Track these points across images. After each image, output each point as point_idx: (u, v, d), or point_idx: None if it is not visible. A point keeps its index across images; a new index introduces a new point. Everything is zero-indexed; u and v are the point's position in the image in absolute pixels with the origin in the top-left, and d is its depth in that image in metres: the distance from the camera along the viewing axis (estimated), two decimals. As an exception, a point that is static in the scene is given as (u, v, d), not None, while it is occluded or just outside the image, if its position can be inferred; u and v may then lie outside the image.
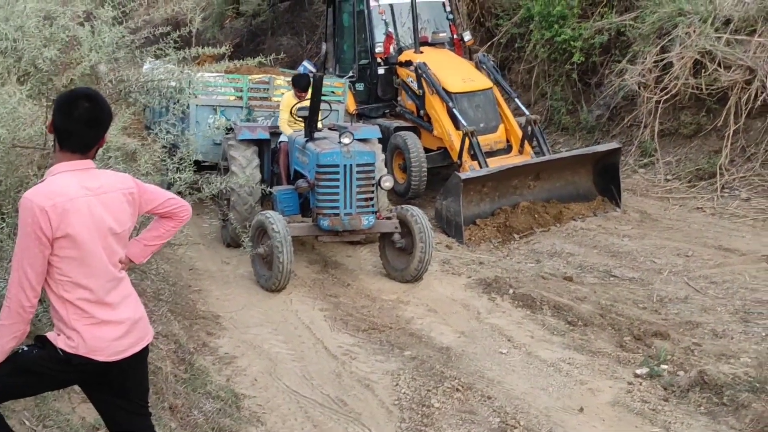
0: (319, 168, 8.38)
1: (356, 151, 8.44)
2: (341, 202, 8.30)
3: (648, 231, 10.15)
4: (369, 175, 8.51)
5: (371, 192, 8.51)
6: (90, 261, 3.47)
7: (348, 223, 8.26)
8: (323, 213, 8.34)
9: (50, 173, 3.48)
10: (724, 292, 8.11)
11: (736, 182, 11.32)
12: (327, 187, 8.36)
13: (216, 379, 6.21)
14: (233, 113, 10.73)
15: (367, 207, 8.44)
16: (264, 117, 10.74)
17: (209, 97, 10.75)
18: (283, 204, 9.04)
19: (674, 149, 12.47)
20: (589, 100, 14.26)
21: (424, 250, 8.35)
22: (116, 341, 3.55)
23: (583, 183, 11.21)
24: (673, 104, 12.40)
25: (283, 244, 7.91)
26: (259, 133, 9.68)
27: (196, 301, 8.00)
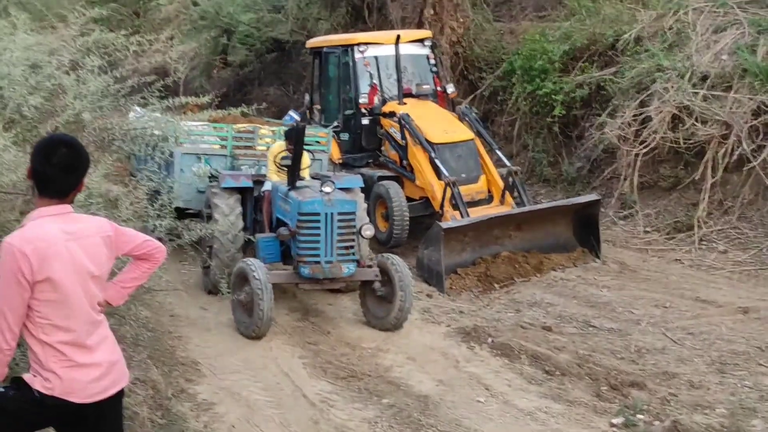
0: (301, 216, 8.43)
1: (337, 199, 8.49)
2: (322, 250, 8.32)
3: (627, 282, 10.25)
4: (350, 223, 8.54)
5: (352, 240, 8.55)
6: (70, 304, 3.53)
7: (328, 271, 8.28)
8: (304, 261, 8.35)
9: (30, 218, 3.56)
10: (701, 343, 8.18)
11: (713, 234, 11.47)
12: (308, 235, 8.38)
13: (193, 425, 6.22)
14: (218, 161, 10.86)
15: (347, 255, 8.47)
16: (248, 165, 10.81)
17: (194, 145, 10.87)
18: (264, 251, 9.07)
19: (653, 201, 12.64)
20: (570, 153, 14.47)
21: (404, 299, 8.38)
22: (92, 383, 3.60)
23: (563, 234, 11.32)
24: (652, 157, 12.61)
25: (263, 291, 7.92)
26: (242, 181, 9.80)
27: (175, 347, 8.01)
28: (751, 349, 7.92)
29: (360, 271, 8.60)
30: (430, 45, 13.37)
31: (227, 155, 11.00)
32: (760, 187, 11.48)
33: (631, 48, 13.67)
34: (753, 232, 11.26)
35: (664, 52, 12.99)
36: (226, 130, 11.13)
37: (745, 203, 11.58)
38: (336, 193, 8.56)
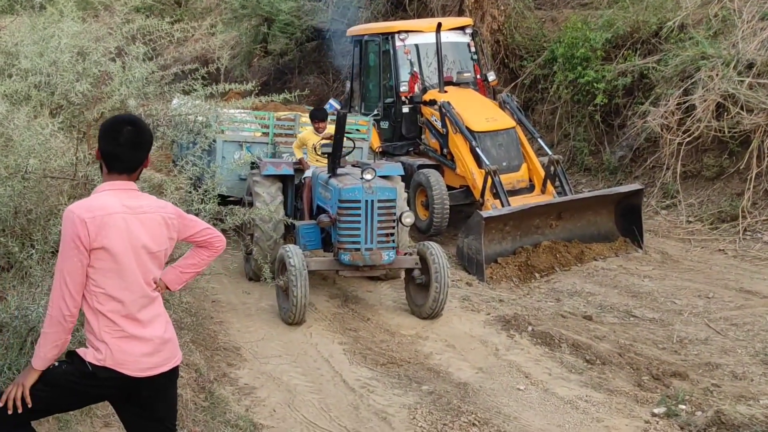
0: (341, 203, 8.45)
1: (378, 187, 8.47)
2: (362, 237, 8.36)
3: (669, 272, 10.16)
4: (390, 210, 8.53)
5: (392, 228, 8.55)
6: (124, 275, 3.65)
7: (368, 258, 8.32)
8: (344, 248, 8.41)
9: (96, 191, 3.69)
10: (744, 334, 8.09)
11: (758, 225, 11.32)
12: (348, 222, 8.42)
13: (235, 408, 6.29)
14: (259, 149, 10.94)
15: (387, 242, 8.48)
16: (289, 153, 10.84)
17: (236, 133, 10.99)
18: (305, 238, 9.14)
19: (696, 191, 12.50)
20: (612, 142, 14.35)
21: (439, 289, 8.39)
22: (144, 357, 3.69)
23: (605, 223, 11.24)
24: (695, 146, 12.47)
25: (297, 277, 8.04)
26: (283, 168, 9.85)
27: (217, 332, 8.11)
28: (796, 341, 7.82)
29: (400, 258, 8.64)
30: (470, 33, 13.34)
31: (268, 143, 11.09)
32: (807, 177, 11.30)
33: (675, 35, 13.52)
34: (800, 222, 11.09)
35: (708, 40, 12.82)
36: (267, 117, 11.20)
37: (792, 193, 11.41)
38: (376, 180, 8.53)
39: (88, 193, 5.65)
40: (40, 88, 5.96)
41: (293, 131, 11.29)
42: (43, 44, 6.12)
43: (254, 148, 10.90)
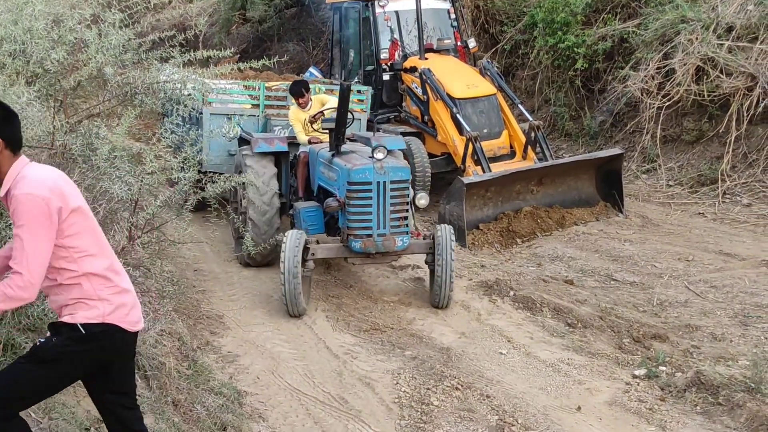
0: (351, 185, 7.73)
1: (390, 166, 7.77)
2: (374, 222, 7.70)
3: (649, 236, 10.21)
4: (403, 192, 7.85)
5: (405, 211, 7.89)
6: (96, 230, 3.73)
7: (381, 245, 7.68)
8: (355, 234, 7.72)
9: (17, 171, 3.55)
10: (723, 296, 8.16)
11: (737, 188, 11.39)
12: (359, 206, 7.73)
13: (219, 376, 6.30)
14: (249, 122, 10.30)
15: (401, 227, 7.83)
16: (281, 127, 10.20)
17: (223, 105, 10.32)
18: (307, 222, 8.48)
19: (676, 155, 12.55)
20: (593, 107, 14.35)
21: (441, 278, 7.81)
22: (132, 310, 3.79)
23: (586, 188, 11.27)
24: (675, 110, 12.50)
25: (286, 270, 7.46)
26: (276, 145, 9.13)
27: (200, 301, 8.10)
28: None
29: (414, 243, 8.04)
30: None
31: (259, 115, 10.45)
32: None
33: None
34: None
35: (688, 3, 12.78)
36: (257, 88, 10.53)
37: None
38: (388, 159, 7.84)
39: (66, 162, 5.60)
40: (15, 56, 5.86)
41: (286, 102, 10.53)
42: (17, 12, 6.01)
43: (244, 121, 10.26)
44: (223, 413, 5.60)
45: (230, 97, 10.52)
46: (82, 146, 5.42)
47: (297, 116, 9.37)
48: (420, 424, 5.79)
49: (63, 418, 4.66)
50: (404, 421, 5.85)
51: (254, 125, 10.27)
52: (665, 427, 5.77)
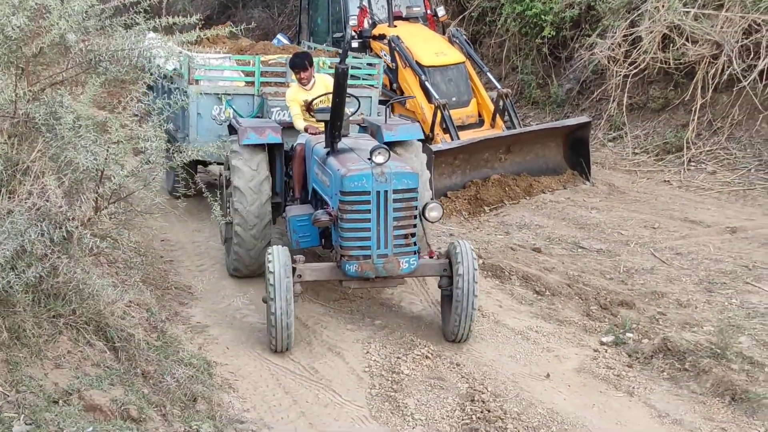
0: (344, 195, 6.30)
1: (393, 172, 6.27)
2: (373, 241, 6.28)
3: (616, 204, 10.28)
4: (410, 203, 6.37)
5: (412, 226, 6.44)
6: None
7: (382, 268, 6.26)
8: (349, 255, 6.32)
9: None
10: (689, 263, 8.25)
11: (702, 156, 11.49)
12: (354, 221, 6.31)
13: (188, 347, 6.25)
14: (243, 103, 8.95)
15: (407, 246, 6.39)
16: (280, 108, 8.84)
17: (212, 83, 8.95)
18: (298, 233, 7.17)
19: (642, 123, 12.62)
20: (560, 74, 14.38)
21: (461, 307, 6.40)
22: None
23: (553, 156, 11.31)
24: (641, 78, 12.56)
25: (277, 294, 6.15)
26: (269, 136, 7.63)
27: (168, 272, 8.03)
28: (738, 268, 8.00)
29: (424, 264, 6.59)
30: (419, -35, 13.13)
31: (254, 95, 9.03)
32: (750, 107, 11.45)
33: (623, -34, 13.47)
34: (741, 152, 11.28)
35: (655, -29, 12.80)
36: (252, 63, 9.02)
37: (735, 124, 11.58)
38: (391, 163, 6.32)
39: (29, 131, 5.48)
40: (-26, 23, 5.70)
41: (285, 79, 9.11)
42: (-24, -23, 5.84)
43: (237, 102, 8.91)
44: (193, 384, 5.56)
45: (220, 74, 9.07)
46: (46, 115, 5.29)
47: (295, 96, 7.89)
48: (390, 392, 5.80)
49: (30, 390, 4.60)
50: (375, 390, 5.86)
51: (249, 106, 8.99)
52: (633, 393, 5.83)
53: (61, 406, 4.57)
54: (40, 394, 4.61)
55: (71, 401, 4.63)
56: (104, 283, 5.14)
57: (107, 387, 4.88)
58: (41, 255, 4.90)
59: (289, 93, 7.96)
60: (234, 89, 9.01)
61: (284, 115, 8.67)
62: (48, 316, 5.16)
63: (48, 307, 5.19)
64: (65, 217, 4.95)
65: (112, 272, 6.57)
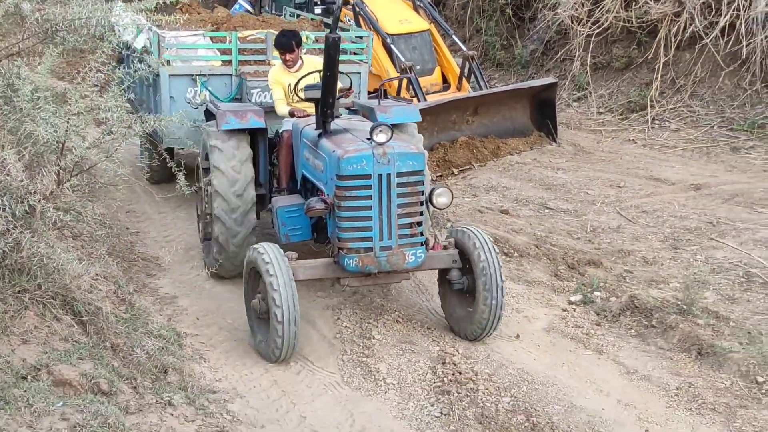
0: (341, 180, 5.63)
1: (397, 153, 5.62)
2: (375, 231, 5.64)
3: (581, 163, 10.33)
4: (416, 188, 5.74)
5: (419, 213, 5.80)
6: None
7: (386, 263, 5.64)
8: (348, 248, 5.68)
9: None
10: (654, 221, 8.33)
11: (666, 113, 11.57)
12: (353, 209, 5.65)
13: (157, 318, 6.20)
14: (219, 84, 8.13)
15: (413, 236, 5.77)
16: (260, 89, 8.03)
17: (186, 64, 8.13)
18: (287, 226, 6.45)
19: (606, 82, 12.67)
20: (524, 35, 14.35)
21: (490, 302, 5.81)
22: None
23: (520, 118, 11.29)
24: (605, 38, 12.58)
25: (282, 297, 5.43)
26: (251, 120, 6.86)
27: (134, 243, 7.96)
28: (703, 225, 8.09)
29: (431, 256, 5.96)
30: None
31: (232, 75, 8.18)
32: (712, 64, 11.53)
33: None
34: (704, 110, 11.37)
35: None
36: (228, 39, 8.18)
37: (697, 81, 11.66)
38: (394, 142, 5.69)
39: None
40: (-76, -7, 5.55)
41: (265, 57, 8.31)
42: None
43: (214, 83, 8.06)
44: (163, 355, 5.53)
45: (194, 53, 8.24)
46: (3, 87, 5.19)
47: (279, 78, 7.12)
48: (362, 358, 5.82)
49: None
50: (346, 355, 5.88)
51: (226, 87, 8.16)
52: (601, 351, 5.91)
53: (29, 382, 4.53)
54: (8, 371, 4.55)
55: (40, 377, 4.59)
56: (69, 256, 5.08)
57: (76, 361, 4.84)
58: (3, 230, 4.82)
59: (272, 74, 7.21)
60: (209, 69, 8.17)
61: (265, 97, 7.94)
62: (13, 291, 5.09)
63: (13, 283, 5.11)
64: (27, 191, 4.87)
65: (77, 246, 6.48)
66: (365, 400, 5.33)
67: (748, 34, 11.12)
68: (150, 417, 4.68)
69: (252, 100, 8.00)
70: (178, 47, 8.12)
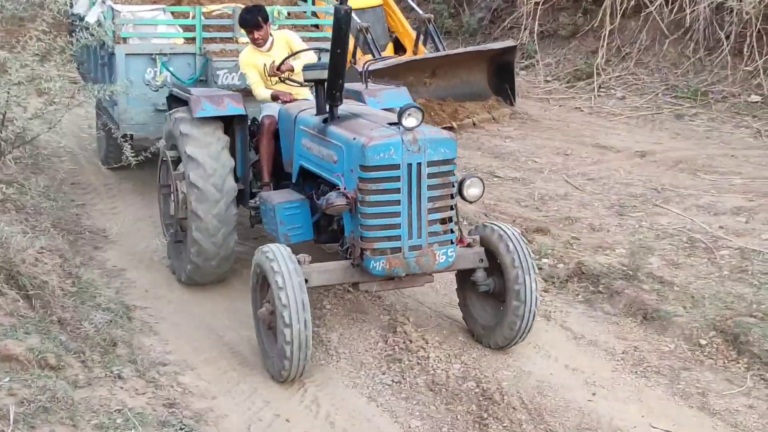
0: (366, 171, 4.86)
1: (427, 138, 4.90)
2: (404, 229, 4.92)
3: (529, 132, 10.42)
4: (447, 179, 5.03)
5: (450, 207, 5.11)
6: None
7: (414, 264, 4.97)
8: (373, 248, 4.94)
9: None
10: (600, 188, 8.45)
11: (611, 81, 11.71)
12: (380, 204, 4.90)
13: (105, 291, 6.13)
14: (182, 63, 7.40)
15: (444, 233, 5.10)
16: (227, 70, 7.28)
17: (145, 41, 7.33)
18: (287, 224, 5.71)
19: (553, 50, 12.76)
20: (471, 3, 14.34)
21: (523, 309, 5.20)
22: None
23: (478, 82, 11.23)
24: (551, 5, 12.67)
25: (292, 307, 4.72)
26: (229, 106, 6.15)
27: (80, 216, 7.82)
28: (648, 191, 8.24)
29: (461, 255, 5.29)
30: None
31: (196, 54, 7.43)
32: (657, 32, 11.68)
33: None
34: (649, 77, 11.53)
35: None
36: (192, 15, 7.42)
37: (642, 49, 11.82)
38: (424, 127, 4.95)
39: None
40: None
41: (233, 33, 7.54)
42: None
43: (175, 63, 7.35)
44: (112, 329, 5.48)
45: (153, 30, 7.48)
46: (-61, 57, 5.05)
47: (252, 60, 6.45)
48: (314, 328, 5.80)
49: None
50: (297, 325, 5.86)
51: (189, 68, 7.43)
52: (549, 317, 5.99)
53: (-26, 359, 4.46)
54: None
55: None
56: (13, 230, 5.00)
57: (22, 336, 4.77)
58: (-57, 204, 4.72)
59: (243, 56, 6.54)
60: (171, 48, 7.38)
61: (233, 79, 7.29)
62: (-46, 266, 5.00)
63: (-47, 258, 5.02)
64: (-33, 164, 4.77)
65: (21, 219, 6.37)
66: (317, 369, 5.33)
67: (692, 2, 11.28)
68: (99, 391, 4.64)
69: (218, 83, 7.32)
70: (135, 23, 7.37)
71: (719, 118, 10.41)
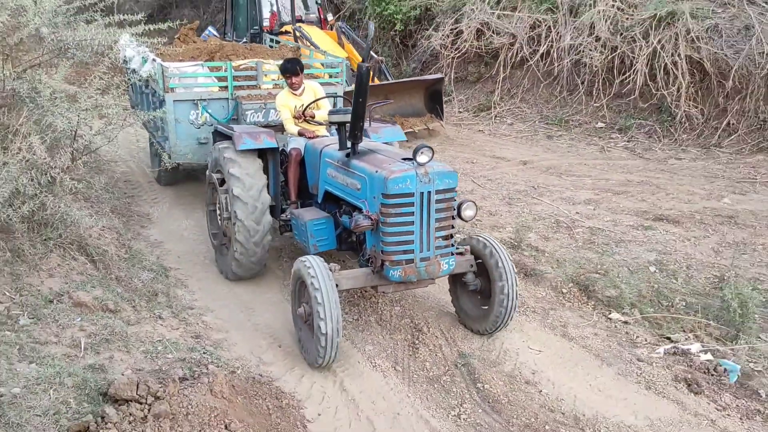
0: (388, 198, 4.47)
1: (436, 172, 4.53)
2: (417, 244, 4.57)
3: (447, 147, 10.44)
4: (450, 203, 4.65)
5: (451, 227, 4.73)
6: None
7: (424, 272, 4.61)
8: (392, 260, 4.56)
9: None
10: (496, 186, 8.50)
11: (504, 112, 11.79)
12: (398, 225, 4.51)
13: (149, 257, 6.05)
14: (218, 107, 6.95)
15: (447, 247, 4.72)
16: (253, 110, 6.87)
17: (188, 90, 6.91)
18: (315, 237, 5.29)
19: (465, 90, 12.80)
20: (408, 57, 14.33)
21: (507, 302, 4.84)
22: None
23: (417, 103, 11.18)
24: (463, 59, 12.68)
25: (325, 307, 4.32)
26: (264, 141, 5.66)
27: (130, 203, 7.66)
28: (528, 188, 8.31)
29: (458, 263, 4.93)
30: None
31: (228, 98, 6.97)
32: (535, 79, 11.80)
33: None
34: (530, 110, 11.64)
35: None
36: (224, 68, 6.99)
37: (525, 90, 11.91)
38: (433, 162, 4.57)
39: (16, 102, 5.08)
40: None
41: (256, 82, 7.18)
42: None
43: (212, 106, 6.93)
44: (154, 283, 5.42)
45: (194, 81, 7.05)
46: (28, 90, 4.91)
47: (286, 102, 5.99)
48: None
49: (31, 294, 4.39)
50: (285, 281, 5.81)
51: (224, 109, 6.98)
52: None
53: (55, 304, 4.39)
54: (39, 297, 4.40)
55: (63, 300, 4.45)
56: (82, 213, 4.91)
57: (90, 289, 4.71)
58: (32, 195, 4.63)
59: (280, 98, 6.04)
60: (209, 94, 6.93)
61: (258, 117, 6.83)
62: (41, 239, 4.89)
63: (40, 233, 4.92)
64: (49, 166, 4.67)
65: (87, 206, 6.23)
66: (300, 311, 5.33)
67: (559, 58, 11.41)
68: (146, 327, 4.60)
69: (247, 120, 6.82)
70: (180, 76, 6.97)
71: (577, 138, 10.55)
